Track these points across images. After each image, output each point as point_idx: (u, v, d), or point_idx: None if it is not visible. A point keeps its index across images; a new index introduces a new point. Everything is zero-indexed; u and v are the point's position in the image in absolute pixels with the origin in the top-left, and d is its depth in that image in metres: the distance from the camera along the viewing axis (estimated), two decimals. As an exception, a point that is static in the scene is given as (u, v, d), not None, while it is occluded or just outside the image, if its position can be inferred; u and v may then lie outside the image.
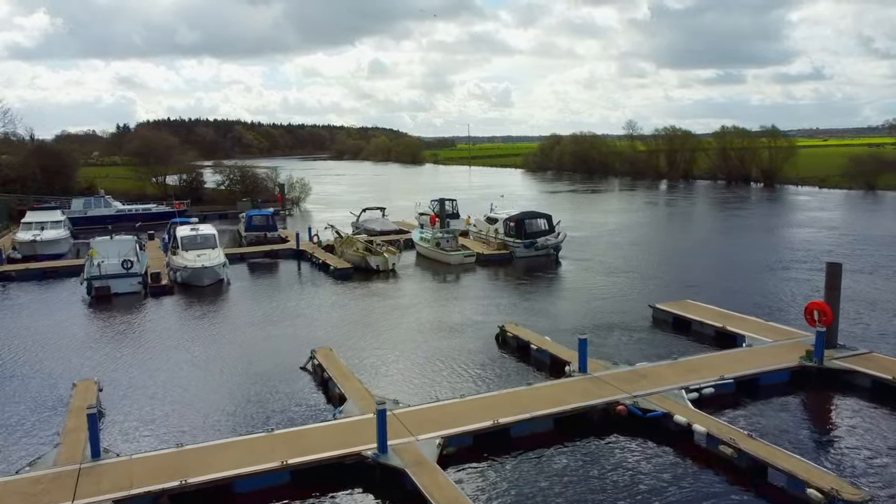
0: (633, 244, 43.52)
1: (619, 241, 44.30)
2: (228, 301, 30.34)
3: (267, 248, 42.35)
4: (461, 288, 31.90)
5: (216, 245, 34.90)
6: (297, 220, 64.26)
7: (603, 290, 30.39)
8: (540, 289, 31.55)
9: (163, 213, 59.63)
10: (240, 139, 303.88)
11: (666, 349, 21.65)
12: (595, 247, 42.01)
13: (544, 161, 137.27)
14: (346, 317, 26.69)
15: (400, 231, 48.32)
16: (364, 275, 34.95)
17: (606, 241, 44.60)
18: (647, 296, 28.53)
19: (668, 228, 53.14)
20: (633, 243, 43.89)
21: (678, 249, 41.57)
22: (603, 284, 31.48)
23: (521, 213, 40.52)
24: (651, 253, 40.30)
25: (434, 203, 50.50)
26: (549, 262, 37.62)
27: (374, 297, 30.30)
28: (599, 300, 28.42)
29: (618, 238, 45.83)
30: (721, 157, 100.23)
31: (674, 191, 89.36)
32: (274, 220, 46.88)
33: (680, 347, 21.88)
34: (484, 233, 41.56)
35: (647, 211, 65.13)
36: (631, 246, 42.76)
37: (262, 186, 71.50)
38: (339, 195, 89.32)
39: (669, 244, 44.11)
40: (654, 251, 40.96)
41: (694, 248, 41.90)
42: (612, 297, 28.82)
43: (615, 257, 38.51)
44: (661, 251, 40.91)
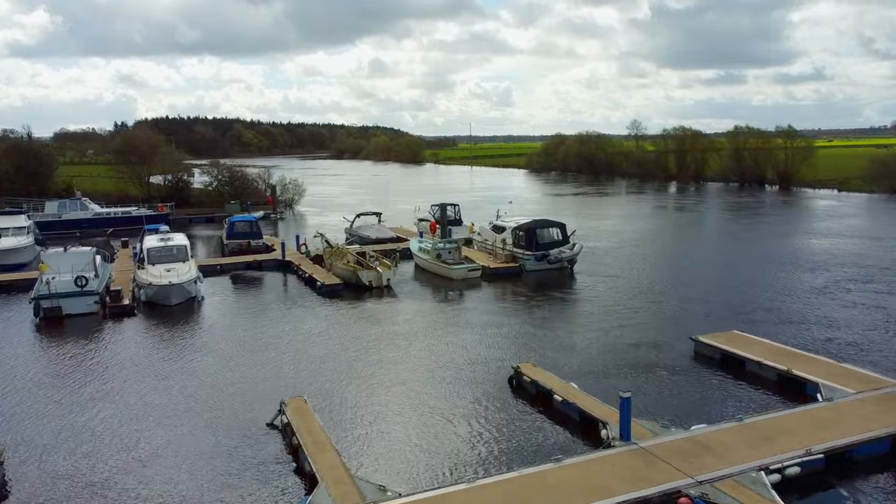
0: (656, 256, 39.40)
1: (640, 253, 40.15)
2: (196, 325, 26.23)
3: (250, 258, 38.25)
4: (465, 310, 27.78)
5: (187, 258, 30.80)
6: (290, 223, 60.19)
7: (630, 314, 26.27)
8: (556, 312, 27.42)
9: (144, 217, 55.54)
10: (239, 138, 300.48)
11: (721, 400, 17.56)
12: (613, 259, 37.87)
13: (548, 161, 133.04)
14: (328, 350, 22.57)
15: (397, 239, 44.25)
16: (354, 292, 30.87)
17: (625, 252, 40.47)
18: (684, 323, 24.43)
19: (691, 237, 48.96)
20: (656, 255, 39.76)
21: (708, 263, 37.35)
22: (629, 307, 27.35)
23: (531, 221, 36.40)
24: (678, 267, 36.17)
25: (434, 208, 46.33)
26: (564, 278, 33.55)
27: (363, 321, 26.19)
28: (628, 328, 24.30)
29: (637, 249, 41.69)
30: (734, 158, 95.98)
31: (685, 193, 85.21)
32: (258, 226, 42.76)
33: (738, 397, 17.77)
34: (490, 243, 37.46)
35: (662, 216, 61.00)
36: (654, 259, 38.64)
37: (253, 188, 67.41)
38: (335, 197, 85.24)
39: (697, 256, 39.95)
40: (682, 265, 36.82)
41: (726, 261, 37.54)
42: (643, 325, 24.70)
43: (638, 272, 34.38)
44: (689, 265, 36.74)
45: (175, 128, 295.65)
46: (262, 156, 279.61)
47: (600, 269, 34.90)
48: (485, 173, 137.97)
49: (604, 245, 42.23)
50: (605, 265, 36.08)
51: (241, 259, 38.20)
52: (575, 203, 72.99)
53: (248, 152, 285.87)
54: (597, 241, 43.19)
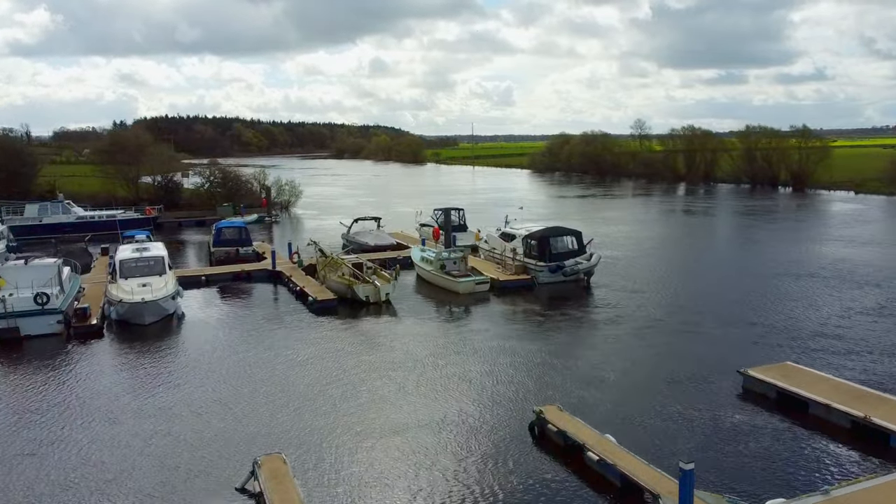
0: (680, 267, 36.31)
1: (660, 263, 37.11)
2: (167, 350, 23.18)
3: (237, 268, 35.20)
4: (473, 333, 24.71)
5: (164, 270, 27.73)
6: (285, 227, 57.18)
7: (662, 339, 23.22)
8: (577, 336, 24.36)
9: (130, 221, 52.53)
10: (239, 137, 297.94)
11: (789, 458, 14.51)
12: (633, 270, 34.80)
13: (552, 161, 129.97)
14: (314, 386, 19.50)
15: (397, 246, 41.19)
16: (350, 308, 27.83)
17: (644, 261, 37.43)
18: (725, 350, 21.37)
19: (713, 244, 45.79)
20: (680, 265, 36.68)
21: (739, 275, 34.05)
22: (659, 329, 24.30)
23: (544, 228, 33.29)
24: (706, 280, 33.04)
25: (437, 213, 43.35)
26: (580, 292, 30.51)
27: (357, 347, 23.14)
28: (661, 357, 21.27)
29: (656, 258, 38.66)
30: (746, 158, 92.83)
31: (696, 195, 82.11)
32: (248, 233, 39.66)
33: (809, 454, 14.71)
34: (498, 252, 34.40)
35: (677, 220, 57.91)
36: (677, 269, 35.56)
37: (247, 189, 64.37)
38: (333, 198, 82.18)
39: (724, 267, 36.74)
40: (710, 278, 33.66)
41: (759, 272, 34.17)
42: (678, 353, 21.65)
43: (662, 286, 31.31)
44: (718, 278, 33.55)
45: (174, 127, 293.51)
46: (262, 155, 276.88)
47: (620, 282, 31.85)
48: (487, 173, 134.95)
49: (620, 254, 39.11)
50: (625, 277, 33.02)
51: (228, 269, 35.14)
52: (582, 206, 69.91)
53: (248, 152, 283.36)
54: (611, 248, 40.09)
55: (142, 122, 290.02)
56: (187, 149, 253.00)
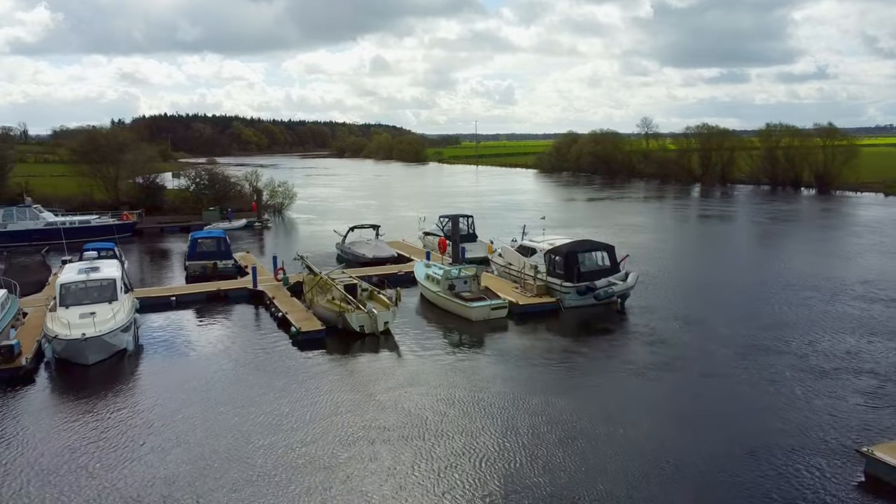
0: (726, 286, 31.12)
1: (701, 281, 32.28)
2: (105, 402, 18.39)
3: (213, 286, 30.41)
4: (491, 381, 19.91)
5: (116, 295, 22.94)
6: (277, 232, 52.47)
7: (729, 389, 18.43)
8: (623, 385, 19.52)
9: (107, 227, 47.87)
10: (238, 136, 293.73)
11: None
12: (671, 290, 29.98)
13: (560, 161, 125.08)
14: (279, 469, 14.78)
15: (398, 258, 36.48)
16: (340, 342, 23.11)
17: (682, 279, 32.66)
18: (827, 413, 16.56)
19: (759, 258, 39.56)
20: (726, 285, 31.43)
21: (812, 299, 28.49)
22: (726, 376, 19.52)
23: (571, 242, 28.47)
24: (765, 306, 27.64)
25: (444, 220, 38.59)
26: (614, 317, 25.77)
27: (344, 400, 18.34)
28: (736, 418, 16.47)
29: (695, 274, 33.88)
30: (767, 158, 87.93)
31: (716, 198, 77.31)
32: (227, 243, 34.77)
33: None
34: (515, 268, 29.62)
35: (707, 227, 52.94)
36: (724, 290, 30.51)
37: (236, 192, 59.63)
38: (332, 201, 77.45)
39: (785, 289, 30.22)
40: (770, 303, 27.93)
41: (842, 295, 28.96)
42: (757, 413, 16.83)
43: (712, 312, 26.45)
44: (780, 304, 27.69)
45: (173, 126, 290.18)
46: (261, 154, 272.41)
47: (660, 306, 27.06)
48: (491, 173, 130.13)
49: (651, 268, 34.14)
50: (664, 299, 28.23)
51: (202, 288, 30.34)
52: (596, 210, 65.01)
53: (248, 151, 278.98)
54: (640, 262, 35.10)
55: (140, 120, 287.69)
56: (186, 148, 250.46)
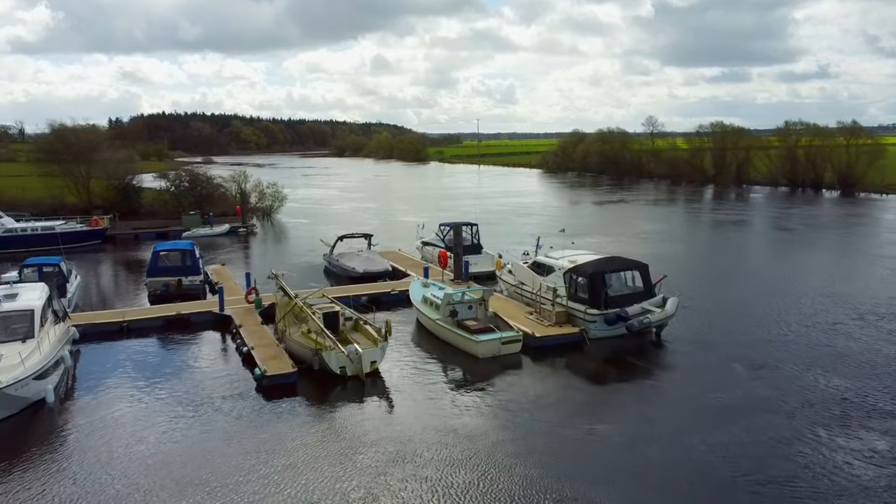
0: (792, 312, 26.18)
1: (755, 304, 27.47)
2: (8, 483, 13.95)
3: (173, 309, 25.85)
4: (500, 445, 15.41)
5: (32, 331, 18.30)
6: (264, 239, 47.99)
7: (823, 459, 13.93)
8: (671, 446, 15.04)
9: (73, 234, 43.45)
10: (237, 135, 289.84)
11: None
12: (719, 317, 25.32)
13: (565, 161, 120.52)
14: None
15: (392, 274, 32.01)
16: (317, 386, 18.65)
17: (730, 302, 28.04)
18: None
19: (815, 274, 33.85)
20: (789, 310, 26.51)
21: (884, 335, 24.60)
22: (806, 437, 15.01)
23: (596, 260, 23.88)
24: (856, 341, 23.43)
25: (444, 228, 34.11)
26: (649, 351, 21.33)
27: (310, 479, 13.86)
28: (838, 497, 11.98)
29: (744, 294, 29.07)
30: (787, 158, 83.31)
31: (734, 200, 72.73)
32: (195, 256, 30.15)
33: None
34: (529, 288, 25.09)
35: (736, 235, 48.08)
36: (789, 318, 25.80)
37: (219, 194, 55.14)
38: (326, 203, 72.98)
39: (874, 318, 25.22)
40: (859, 336, 23.84)
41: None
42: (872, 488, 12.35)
43: (779, 346, 21.88)
44: (872, 337, 23.79)
45: (171, 124, 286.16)
46: (260, 153, 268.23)
47: (706, 337, 22.53)
48: (494, 173, 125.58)
49: (687, 287, 29.22)
50: (710, 328, 23.68)
51: (160, 311, 25.81)
52: (609, 215, 60.40)
53: (247, 149, 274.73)
54: (673, 279, 30.36)
55: (139, 119, 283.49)
56: (184, 147, 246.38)
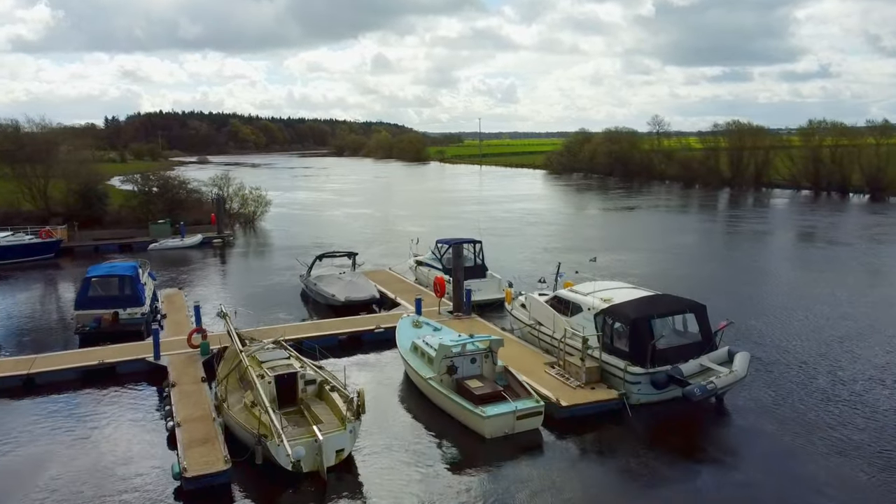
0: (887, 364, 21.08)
1: (839, 348, 22.06)
2: None
3: (96, 356, 20.29)
4: None
5: None
6: (243, 251, 42.55)
7: None
8: None
9: (20, 248, 38.12)
10: (235, 134, 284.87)
11: None
12: (796, 371, 19.84)
13: (571, 161, 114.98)
14: None
15: (380, 301, 26.60)
16: (258, 492, 13.19)
17: (807, 347, 22.54)
18: None
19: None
20: (885, 362, 21.38)
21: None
22: None
23: (638, 299, 18.23)
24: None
25: (441, 246, 28.65)
26: (710, 423, 15.92)
27: None
28: None
29: (822, 332, 23.59)
30: (811, 159, 77.70)
31: (760, 206, 67.21)
32: (136, 283, 24.45)
33: None
34: (549, 332, 19.62)
35: (792, 250, 41.80)
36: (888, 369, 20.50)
37: (194, 200, 49.73)
38: (318, 208, 67.52)
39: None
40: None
41: None
42: None
43: (881, 416, 16.46)
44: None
45: (169, 123, 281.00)
46: (259, 152, 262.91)
47: (781, 400, 17.04)
48: (496, 174, 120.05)
49: (744, 325, 23.66)
50: (784, 385, 18.17)
51: (78, 360, 20.22)
52: (630, 223, 54.78)
53: (245, 149, 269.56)
54: (719, 309, 24.92)
55: (135, 117, 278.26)
56: (181, 146, 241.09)
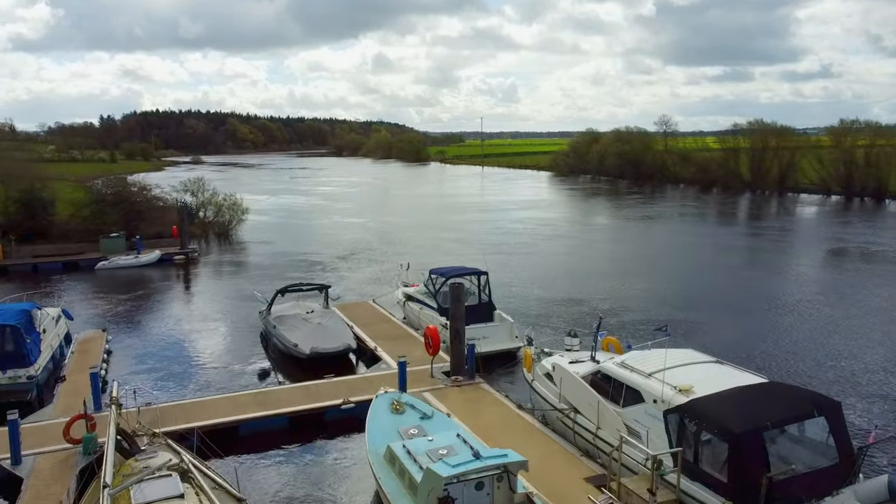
0: None
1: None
2: None
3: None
4: None
5: None
6: (208, 270, 36.29)
7: None
8: None
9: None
10: (233, 133, 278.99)
11: None
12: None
13: (578, 162, 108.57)
14: None
15: (357, 349, 20.37)
16: None
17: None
18: None
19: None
20: None
21: None
22: None
23: (737, 391, 11.75)
24: None
25: (437, 279, 22.30)
26: None
27: None
28: None
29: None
30: (843, 162, 71.30)
31: (799, 213, 60.93)
32: (21, 334, 17.94)
33: None
34: (592, 425, 13.32)
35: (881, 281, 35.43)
36: None
37: (157, 209, 43.44)
38: (305, 215, 61.19)
39: None
40: None
41: None
42: None
43: None
44: None
45: (165, 122, 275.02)
46: (257, 152, 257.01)
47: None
48: (499, 176, 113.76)
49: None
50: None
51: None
52: (662, 238, 47.89)
53: (243, 148, 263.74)
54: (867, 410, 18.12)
55: (132, 116, 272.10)
56: (178, 145, 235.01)
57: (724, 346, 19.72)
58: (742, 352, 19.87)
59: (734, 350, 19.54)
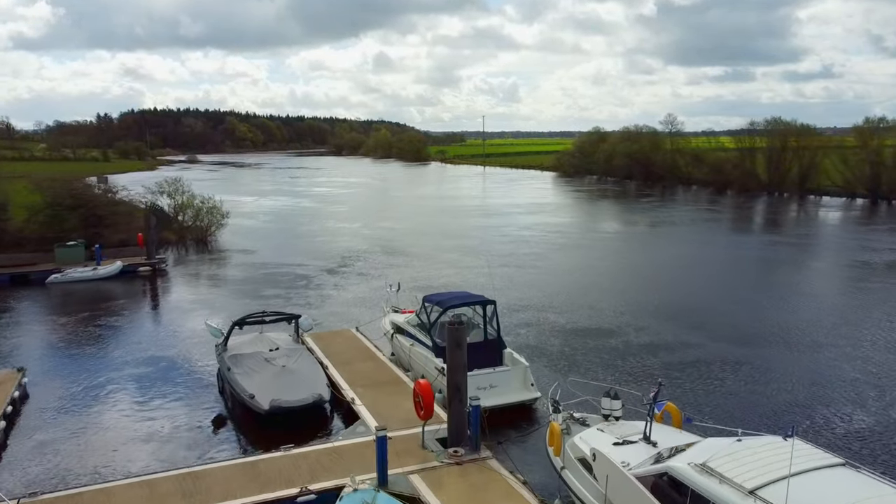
0: None
1: None
2: None
3: None
4: None
5: None
6: (177, 283, 31.89)
7: None
8: None
9: None
10: (232, 132, 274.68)
11: None
12: None
13: (584, 163, 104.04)
14: None
15: (332, 399, 15.99)
16: None
17: None
18: None
19: None
20: None
21: None
22: None
23: None
24: None
25: (431, 308, 17.80)
26: None
27: None
28: None
29: None
30: (869, 163, 66.79)
31: (834, 217, 56.50)
32: None
33: None
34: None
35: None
36: None
37: (121, 213, 38.98)
38: (294, 220, 56.72)
39: None
40: None
41: None
42: None
43: None
44: None
45: (163, 121, 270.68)
46: (256, 151, 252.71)
47: None
48: (501, 177, 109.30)
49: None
50: None
51: None
52: (686, 245, 43.45)
53: (242, 147, 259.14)
54: None
55: (129, 115, 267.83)
56: (175, 144, 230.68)
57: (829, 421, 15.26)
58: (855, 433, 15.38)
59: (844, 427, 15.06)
